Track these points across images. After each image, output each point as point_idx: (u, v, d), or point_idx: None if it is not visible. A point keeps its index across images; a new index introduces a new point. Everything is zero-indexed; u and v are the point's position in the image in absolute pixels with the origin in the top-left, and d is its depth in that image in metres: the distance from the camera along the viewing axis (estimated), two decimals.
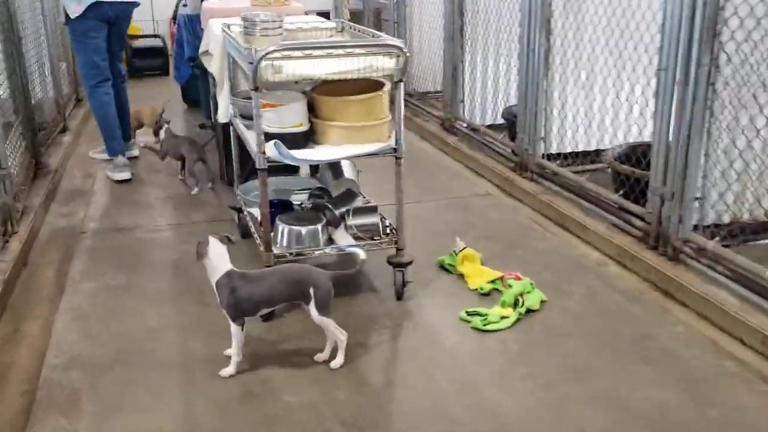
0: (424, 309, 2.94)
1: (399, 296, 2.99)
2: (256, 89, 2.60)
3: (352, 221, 2.97)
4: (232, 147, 3.61)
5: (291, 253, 2.86)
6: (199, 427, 2.24)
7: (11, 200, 3.55)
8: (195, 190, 4.33)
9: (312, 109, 2.90)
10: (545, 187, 4.09)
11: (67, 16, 4.34)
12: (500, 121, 5.00)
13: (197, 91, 6.40)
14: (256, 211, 3.32)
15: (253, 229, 3.17)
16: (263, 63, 2.53)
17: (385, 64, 2.71)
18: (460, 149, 4.99)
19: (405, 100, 6.30)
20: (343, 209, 3.06)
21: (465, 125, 5.17)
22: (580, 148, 4.23)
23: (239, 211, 3.62)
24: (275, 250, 2.84)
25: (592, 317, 2.85)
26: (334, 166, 3.47)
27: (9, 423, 2.26)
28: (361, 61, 2.67)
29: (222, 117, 3.65)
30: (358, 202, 3.09)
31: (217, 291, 2.44)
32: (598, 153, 4.12)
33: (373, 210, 3.01)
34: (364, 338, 2.71)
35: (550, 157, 4.14)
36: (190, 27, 5.70)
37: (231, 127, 3.57)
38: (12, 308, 3.01)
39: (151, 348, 2.67)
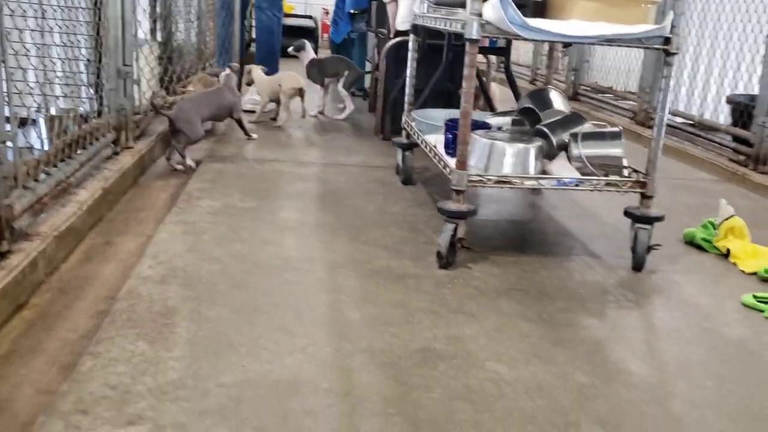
0: (680, 287, 1.94)
1: (639, 266, 2.01)
2: None
3: (580, 149, 2.04)
4: (408, 67, 2.78)
5: (489, 179, 1.97)
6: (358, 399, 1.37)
7: (130, 105, 2.87)
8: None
9: None
10: None
11: None
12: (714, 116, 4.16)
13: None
14: (433, 138, 2.48)
15: (431, 154, 2.31)
16: None
17: None
18: (664, 144, 4.02)
19: (582, 94, 5.48)
20: (565, 135, 2.14)
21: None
22: None
23: (405, 149, 2.79)
24: (470, 170, 1.96)
25: None
26: (541, 96, 2.57)
27: (70, 344, 1.49)
28: None
29: (402, 23, 2.83)
30: (588, 128, 2.15)
31: None
32: None
33: (615, 136, 2.06)
34: (598, 309, 1.76)
35: None
36: None
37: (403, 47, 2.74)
38: (108, 222, 2.29)
39: (287, 281, 1.83)
